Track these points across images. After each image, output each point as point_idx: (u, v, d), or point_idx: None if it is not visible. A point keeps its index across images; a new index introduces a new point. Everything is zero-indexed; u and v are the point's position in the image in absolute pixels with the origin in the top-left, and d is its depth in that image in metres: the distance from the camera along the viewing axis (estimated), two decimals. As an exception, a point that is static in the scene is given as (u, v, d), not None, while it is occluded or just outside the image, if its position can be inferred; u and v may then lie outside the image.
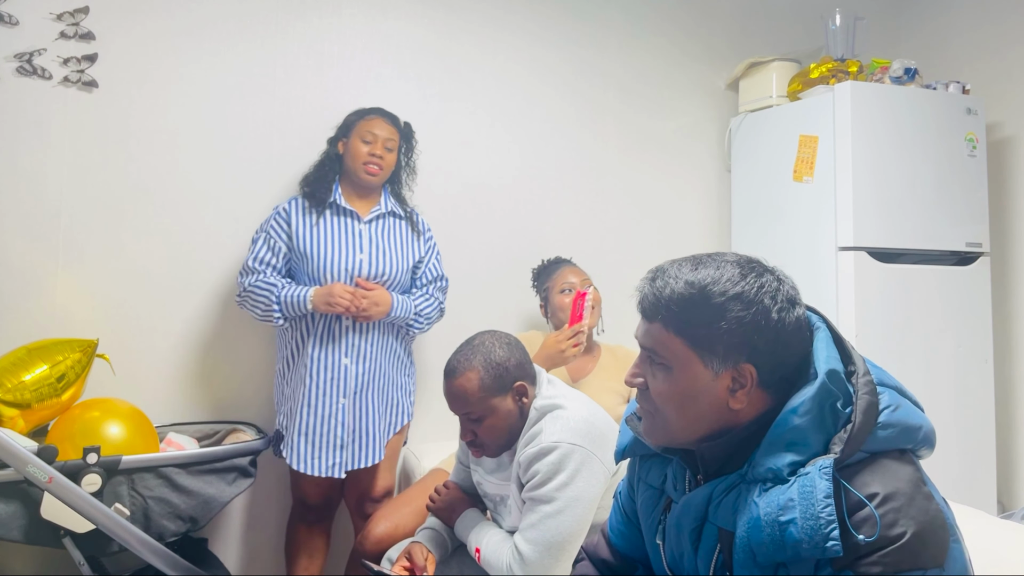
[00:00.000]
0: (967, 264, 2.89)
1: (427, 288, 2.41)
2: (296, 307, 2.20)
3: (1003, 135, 3.13)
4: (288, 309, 2.21)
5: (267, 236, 2.28)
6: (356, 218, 2.30)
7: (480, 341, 1.69)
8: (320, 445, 2.20)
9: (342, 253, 2.25)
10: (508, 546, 1.61)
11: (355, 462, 2.23)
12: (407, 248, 2.37)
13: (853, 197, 2.69)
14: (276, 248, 2.27)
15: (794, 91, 3.00)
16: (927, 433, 1.00)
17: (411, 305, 2.33)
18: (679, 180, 3.20)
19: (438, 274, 2.45)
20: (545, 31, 2.97)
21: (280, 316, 2.22)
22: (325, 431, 2.20)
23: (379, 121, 2.31)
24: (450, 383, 1.66)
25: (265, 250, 2.26)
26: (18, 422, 1.97)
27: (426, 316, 2.38)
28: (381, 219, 2.35)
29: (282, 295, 2.20)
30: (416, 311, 2.35)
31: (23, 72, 2.29)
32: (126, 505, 1.93)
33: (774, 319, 0.99)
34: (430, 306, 2.40)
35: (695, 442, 1.05)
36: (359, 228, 2.30)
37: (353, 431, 2.22)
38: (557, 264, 2.55)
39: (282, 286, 2.22)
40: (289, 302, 2.20)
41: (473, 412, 1.64)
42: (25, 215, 2.29)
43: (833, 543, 0.88)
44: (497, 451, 1.69)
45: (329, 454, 2.20)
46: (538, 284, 2.57)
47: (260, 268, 2.25)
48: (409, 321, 2.34)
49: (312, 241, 2.25)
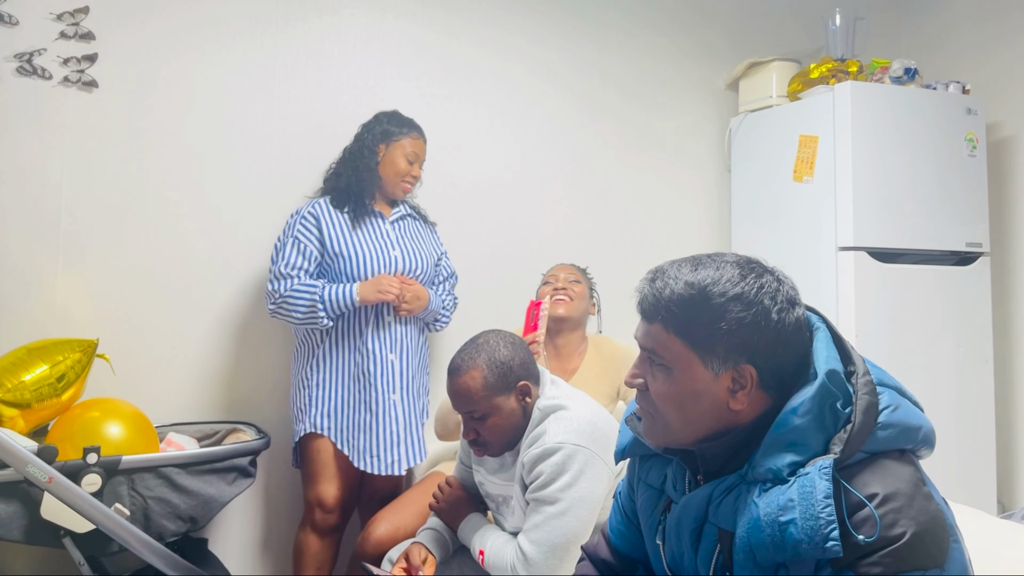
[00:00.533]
0: (967, 264, 2.89)
1: (444, 284, 2.51)
2: (342, 304, 2.19)
3: (1003, 135, 3.13)
4: (333, 307, 2.19)
5: (296, 241, 2.25)
6: (383, 218, 2.36)
7: (484, 340, 1.69)
8: (381, 442, 2.21)
9: (377, 251, 2.29)
10: (512, 547, 1.61)
11: (408, 460, 2.25)
12: (430, 245, 2.45)
13: (853, 197, 2.69)
14: (307, 252, 2.25)
15: (794, 91, 3.00)
16: (927, 433, 1.00)
17: (439, 301, 2.42)
18: (679, 180, 3.20)
19: (452, 271, 2.55)
20: (545, 31, 2.97)
21: (325, 316, 2.20)
22: (380, 428, 2.21)
23: (421, 143, 2.39)
24: (454, 381, 1.66)
25: (296, 255, 2.24)
26: (18, 422, 1.97)
27: (446, 311, 2.50)
28: (403, 220, 2.42)
29: (325, 295, 2.19)
30: (443, 305, 2.46)
31: (23, 72, 2.29)
32: (126, 505, 1.93)
33: (774, 320, 0.99)
34: (449, 301, 2.51)
35: (695, 443, 1.05)
36: (387, 227, 2.35)
37: (405, 428, 2.25)
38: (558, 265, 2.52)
39: (323, 286, 2.21)
40: (333, 300, 2.19)
41: (476, 411, 1.64)
42: (25, 215, 2.29)
43: (833, 543, 0.88)
44: (499, 450, 1.69)
45: (390, 450, 2.21)
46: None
47: (293, 273, 2.22)
48: (437, 315, 2.43)
49: (346, 242, 2.27)
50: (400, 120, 2.38)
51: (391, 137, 2.34)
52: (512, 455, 1.71)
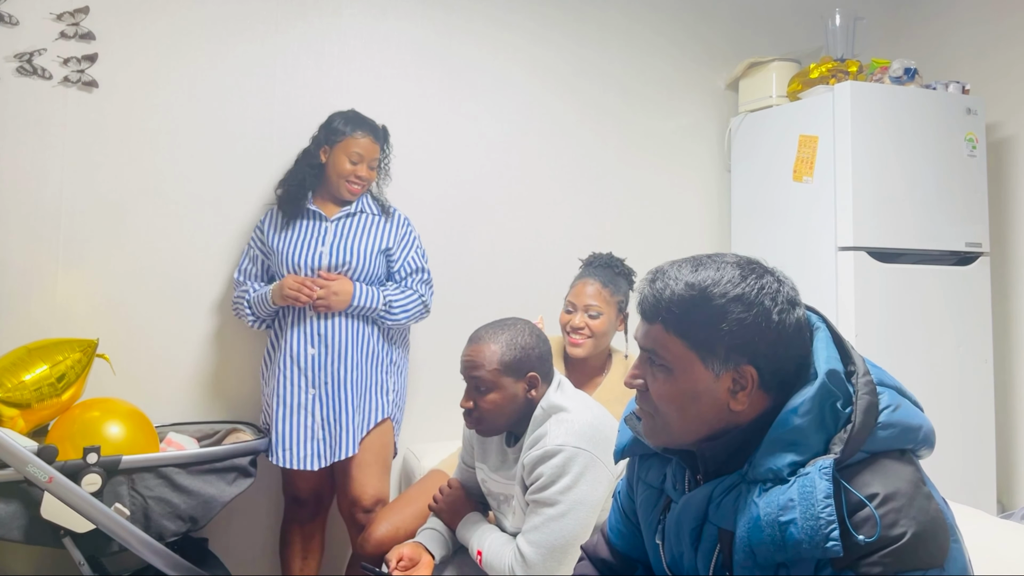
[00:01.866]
0: (967, 264, 2.89)
1: (405, 281, 2.38)
2: (262, 306, 2.28)
3: (1003, 135, 3.13)
4: (258, 309, 2.30)
5: (248, 248, 2.40)
6: (322, 218, 2.34)
7: (513, 322, 1.71)
8: (293, 437, 2.21)
9: (303, 248, 2.29)
10: (511, 548, 1.61)
11: (332, 455, 2.23)
12: (374, 237, 2.34)
13: (853, 197, 2.69)
14: (255, 257, 2.38)
15: (794, 91, 3.00)
16: (927, 433, 1.00)
17: (379, 295, 2.29)
18: (679, 180, 3.20)
19: (417, 266, 2.40)
20: (545, 31, 2.97)
21: (253, 318, 2.33)
22: (296, 422, 2.21)
23: (367, 141, 2.32)
24: (471, 347, 1.68)
25: (246, 262, 2.39)
26: (18, 422, 1.97)
27: (401, 307, 2.32)
28: (349, 217, 2.36)
29: (251, 298, 2.31)
30: (386, 302, 2.30)
31: (23, 72, 2.29)
32: (126, 505, 1.93)
33: (775, 320, 0.99)
34: (406, 298, 2.34)
35: (695, 443, 1.05)
36: (324, 226, 2.33)
37: (324, 423, 2.22)
38: (582, 273, 2.23)
39: (253, 290, 2.32)
40: (256, 302, 2.29)
41: (482, 381, 1.65)
42: (25, 215, 2.29)
43: (833, 543, 0.88)
44: (489, 430, 1.70)
45: (302, 445, 2.21)
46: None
47: (241, 280, 2.38)
48: (380, 312, 2.29)
49: (279, 240, 2.31)
50: (348, 119, 2.34)
51: (336, 137, 2.32)
52: (514, 453, 1.71)
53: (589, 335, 2.10)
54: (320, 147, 2.34)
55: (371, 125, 2.36)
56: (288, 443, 2.21)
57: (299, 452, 2.21)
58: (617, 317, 2.17)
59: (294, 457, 2.20)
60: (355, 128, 2.32)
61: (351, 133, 2.31)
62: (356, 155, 2.31)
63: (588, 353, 2.12)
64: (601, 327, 2.11)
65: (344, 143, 2.31)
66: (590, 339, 2.11)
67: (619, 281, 2.19)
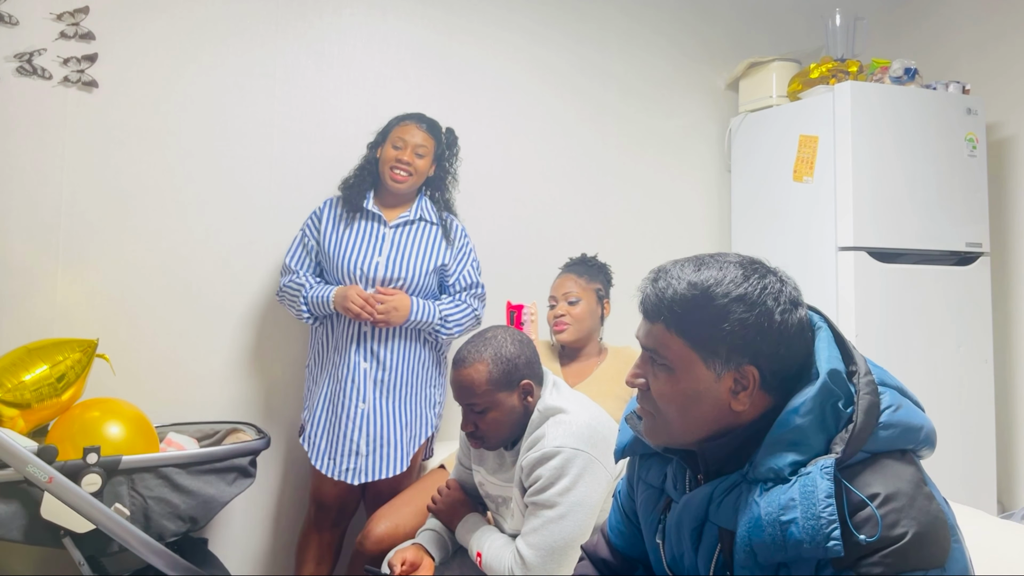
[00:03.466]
0: (967, 264, 2.89)
1: (460, 295, 2.37)
2: (321, 306, 2.25)
3: (1003, 135, 3.13)
4: (315, 308, 2.26)
5: (303, 235, 2.36)
6: (382, 222, 2.31)
7: (493, 335, 1.69)
8: (337, 447, 2.20)
9: (360, 255, 2.26)
10: (510, 550, 1.61)
11: (373, 472, 2.20)
12: (431, 252, 2.33)
13: (853, 197, 2.69)
14: (310, 247, 2.34)
15: (794, 91, 3.00)
16: (928, 433, 1.00)
17: (435, 310, 2.28)
18: (679, 180, 3.20)
19: (472, 281, 2.39)
20: (545, 31, 2.97)
21: (308, 315, 2.28)
22: (342, 434, 2.20)
23: (412, 127, 2.31)
24: (458, 372, 1.66)
25: (300, 249, 2.35)
26: (18, 422, 1.97)
27: (456, 322, 2.32)
28: (409, 224, 2.33)
29: (310, 295, 2.26)
30: (442, 316, 2.29)
31: (23, 72, 2.29)
32: (126, 505, 1.93)
33: (777, 321, 0.99)
34: (460, 312, 2.33)
35: (696, 442, 1.05)
36: (383, 232, 2.30)
37: (372, 439, 2.20)
38: (559, 273, 2.43)
39: (311, 285, 2.28)
40: (315, 301, 2.25)
41: (478, 403, 1.64)
42: (25, 215, 2.29)
43: (834, 543, 0.88)
44: (496, 445, 1.70)
45: (345, 458, 2.20)
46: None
47: (295, 267, 2.33)
48: (435, 326, 2.28)
49: (336, 242, 2.29)
50: (399, 116, 2.36)
51: (387, 134, 2.33)
52: (512, 456, 1.71)
53: (569, 322, 2.29)
54: (375, 149, 2.35)
55: (421, 116, 2.37)
56: (333, 452, 2.21)
57: (341, 464, 2.20)
58: (597, 304, 2.36)
59: (336, 468, 2.20)
60: (404, 119, 2.34)
61: (400, 123, 2.33)
62: (400, 140, 2.29)
63: (573, 337, 2.30)
64: (580, 312, 2.30)
65: (392, 133, 2.32)
66: (572, 325, 2.29)
67: (594, 272, 2.39)
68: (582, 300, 2.30)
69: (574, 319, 2.29)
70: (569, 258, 2.47)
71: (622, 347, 2.42)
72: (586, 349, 2.35)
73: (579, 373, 2.32)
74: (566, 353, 2.36)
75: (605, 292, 2.40)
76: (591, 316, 2.32)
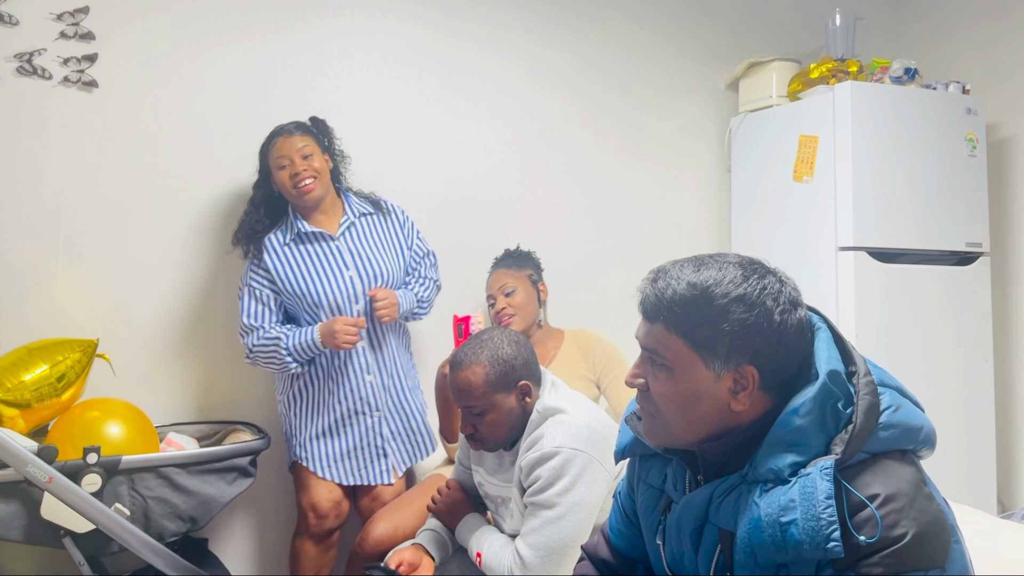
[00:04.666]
0: (967, 264, 2.89)
1: (418, 270, 2.41)
2: (308, 351, 2.17)
3: (1003, 135, 3.13)
4: (301, 355, 2.18)
5: (250, 289, 2.23)
6: (327, 238, 2.26)
7: (489, 336, 1.69)
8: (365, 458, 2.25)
9: (331, 279, 2.21)
10: (510, 551, 1.61)
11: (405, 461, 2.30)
12: (391, 243, 2.34)
13: (853, 197, 2.69)
14: (265, 298, 2.22)
15: (794, 91, 3.00)
16: (928, 434, 1.00)
17: (412, 297, 2.34)
18: (679, 180, 3.20)
19: (425, 250, 2.44)
20: (545, 31, 2.97)
21: (295, 363, 2.19)
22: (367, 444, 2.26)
23: (281, 141, 2.21)
24: (456, 375, 1.66)
25: (254, 304, 2.22)
26: (18, 422, 1.97)
27: (427, 300, 2.41)
28: (352, 227, 2.30)
29: (291, 345, 2.16)
30: (418, 299, 2.36)
31: (23, 72, 2.29)
32: (126, 505, 1.93)
33: (776, 321, 0.99)
34: (426, 289, 2.41)
35: (696, 443, 1.05)
36: (334, 246, 2.25)
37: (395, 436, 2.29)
38: (492, 268, 2.52)
39: (286, 336, 2.18)
40: (300, 348, 2.17)
41: (476, 406, 1.64)
42: (25, 215, 2.29)
43: (834, 544, 0.88)
44: (496, 446, 1.69)
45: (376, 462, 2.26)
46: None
47: (256, 324, 2.21)
48: (415, 311, 2.37)
49: (295, 277, 2.20)
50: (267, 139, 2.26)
51: (263, 162, 2.25)
52: (511, 456, 1.71)
53: (513, 312, 2.36)
54: (268, 181, 2.26)
55: (279, 127, 2.26)
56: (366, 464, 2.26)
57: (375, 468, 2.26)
58: (533, 288, 2.45)
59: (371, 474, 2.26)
60: (269, 143, 2.24)
61: (270, 144, 2.23)
62: (281, 159, 2.19)
63: (522, 325, 2.37)
64: (519, 300, 2.39)
65: (269, 160, 2.22)
66: (515, 314, 2.37)
67: (522, 261, 2.49)
68: (518, 288, 2.39)
69: (516, 307, 2.37)
70: (494, 258, 2.54)
71: (578, 329, 2.47)
72: (536, 336, 2.42)
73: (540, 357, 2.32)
74: None
75: (537, 275, 2.49)
76: (530, 301, 2.41)
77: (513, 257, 2.51)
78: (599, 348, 2.40)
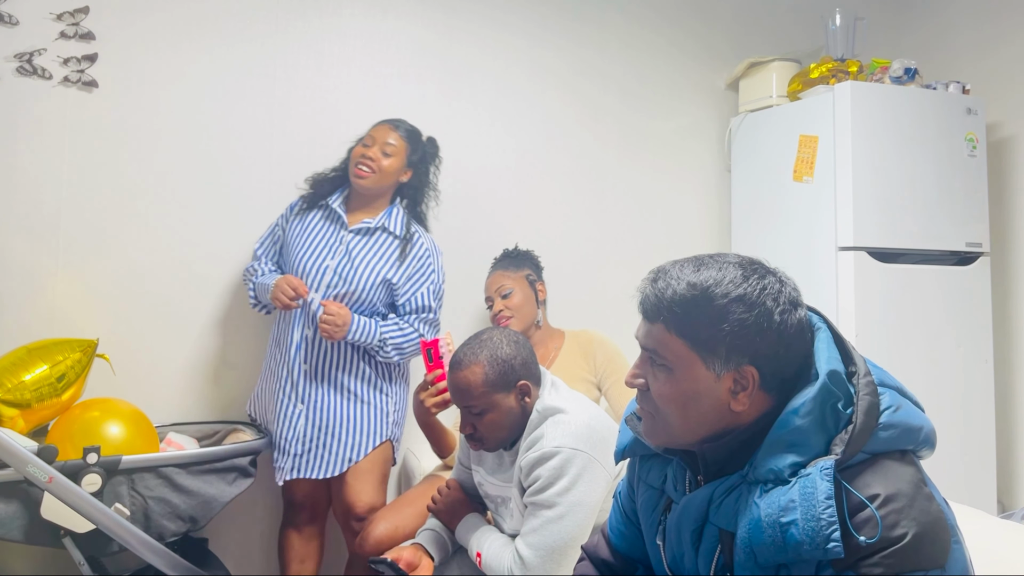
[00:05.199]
0: (967, 264, 2.89)
1: (407, 317, 2.24)
2: (263, 294, 2.26)
3: (1003, 135, 3.13)
4: (260, 295, 2.28)
5: (274, 226, 2.39)
6: (342, 225, 2.27)
7: (488, 336, 1.69)
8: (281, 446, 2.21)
9: (312, 257, 2.23)
10: (509, 551, 1.61)
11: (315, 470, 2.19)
12: (381, 266, 2.22)
13: (853, 197, 2.68)
14: (276, 238, 2.37)
15: (794, 91, 3.00)
16: (928, 434, 1.00)
17: (375, 331, 2.17)
18: (679, 180, 3.20)
19: (422, 305, 2.25)
20: (545, 32, 2.97)
21: (254, 301, 2.31)
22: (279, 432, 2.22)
23: (385, 127, 2.30)
24: (455, 375, 1.67)
25: (268, 239, 2.38)
26: (18, 422, 1.97)
27: (396, 346, 2.21)
28: (369, 233, 2.26)
29: (258, 281, 2.29)
30: (381, 338, 2.18)
31: (23, 72, 2.29)
32: (126, 505, 1.93)
33: (776, 321, 0.99)
34: (403, 336, 2.22)
35: (696, 443, 1.05)
36: (341, 235, 2.26)
37: (307, 440, 2.20)
38: (491, 269, 2.52)
39: (262, 272, 2.31)
40: (260, 288, 2.27)
41: (475, 406, 1.64)
42: (25, 215, 2.29)
43: (834, 544, 0.88)
44: (495, 446, 1.70)
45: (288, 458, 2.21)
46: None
47: (259, 255, 2.36)
48: (374, 347, 2.19)
49: (293, 240, 2.29)
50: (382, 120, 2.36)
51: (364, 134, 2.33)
52: (511, 456, 1.71)
53: (510, 314, 2.34)
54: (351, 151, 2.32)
55: (400, 120, 2.35)
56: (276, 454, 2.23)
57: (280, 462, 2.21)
58: (531, 289, 2.42)
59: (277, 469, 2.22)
60: (382, 121, 2.34)
61: (376, 125, 2.33)
62: (370, 138, 2.28)
63: (521, 327, 2.34)
64: (517, 301, 2.36)
65: (367, 133, 2.32)
66: (513, 316, 2.34)
67: (520, 261, 2.47)
68: (515, 290, 2.38)
69: (513, 309, 2.34)
70: (493, 259, 2.54)
71: (579, 330, 2.46)
72: (536, 337, 2.40)
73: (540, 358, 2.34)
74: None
75: (536, 275, 2.47)
76: (528, 302, 2.39)
77: (510, 258, 2.50)
78: (600, 349, 2.40)
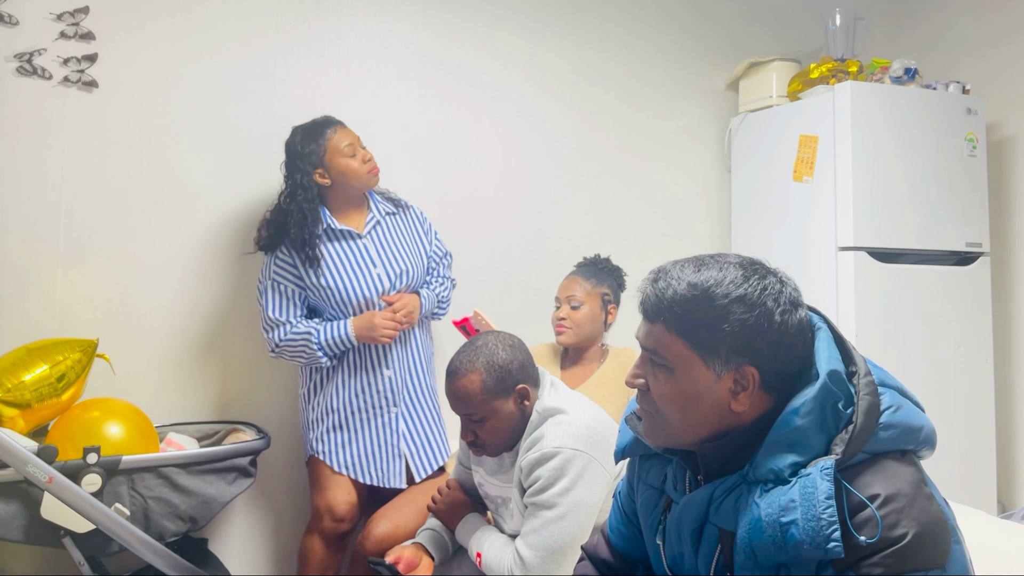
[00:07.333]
0: (967, 264, 2.89)
1: (437, 270, 2.46)
2: (340, 344, 2.18)
3: (1003, 135, 3.13)
4: (333, 349, 2.19)
5: (274, 283, 2.21)
6: (354, 236, 2.27)
7: (483, 342, 1.68)
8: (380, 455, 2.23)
9: (361, 276, 2.23)
10: (510, 551, 1.61)
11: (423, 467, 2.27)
12: (414, 242, 2.38)
13: (853, 197, 2.69)
14: (290, 293, 2.21)
15: (794, 91, 3.00)
16: (928, 434, 1.00)
17: (433, 297, 2.38)
18: (679, 180, 3.20)
19: (443, 252, 2.49)
20: (545, 31, 2.97)
21: (325, 357, 2.20)
22: (383, 441, 2.23)
23: (341, 131, 2.23)
24: (452, 384, 1.66)
25: (278, 298, 2.21)
26: (18, 422, 1.97)
27: (446, 299, 2.46)
28: (377, 226, 2.33)
29: (322, 339, 2.17)
30: (438, 299, 2.41)
31: (23, 72, 2.29)
32: (126, 505, 1.93)
33: (777, 321, 0.99)
34: (444, 288, 2.46)
35: (696, 443, 1.05)
36: (362, 244, 2.27)
37: (411, 436, 2.27)
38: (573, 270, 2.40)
39: (316, 331, 2.18)
40: (332, 343, 2.18)
41: (475, 413, 1.64)
42: (25, 215, 2.29)
43: (834, 544, 0.88)
44: (497, 451, 1.69)
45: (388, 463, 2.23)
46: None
47: (283, 320, 2.20)
48: (435, 309, 2.41)
49: (331, 274, 2.21)
50: (309, 132, 2.22)
51: (320, 151, 2.19)
52: (511, 456, 1.71)
53: (569, 326, 2.26)
54: (315, 171, 2.20)
55: (329, 118, 2.28)
56: (380, 463, 2.23)
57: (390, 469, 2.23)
58: (601, 310, 2.31)
59: (385, 476, 2.23)
60: (326, 128, 2.22)
61: (327, 136, 2.21)
62: (347, 147, 2.21)
63: (572, 341, 2.27)
64: (581, 317, 2.26)
65: (329, 150, 2.20)
66: (571, 328, 2.26)
67: (602, 275, 2.34)
68: (585, 305, 2.26)
69: (574, 323, 2.25)
70: (584, 258, 2.43)
71: (622, 348, 2.39)
72: (588, 353, 2.32)
73: (579, 376, 2.29)
74: (568, 355, 2.35)
75: (612, 297, 2.34)
76: (592, 321, 2.27)
77: (596, 268, 2.36)
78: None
